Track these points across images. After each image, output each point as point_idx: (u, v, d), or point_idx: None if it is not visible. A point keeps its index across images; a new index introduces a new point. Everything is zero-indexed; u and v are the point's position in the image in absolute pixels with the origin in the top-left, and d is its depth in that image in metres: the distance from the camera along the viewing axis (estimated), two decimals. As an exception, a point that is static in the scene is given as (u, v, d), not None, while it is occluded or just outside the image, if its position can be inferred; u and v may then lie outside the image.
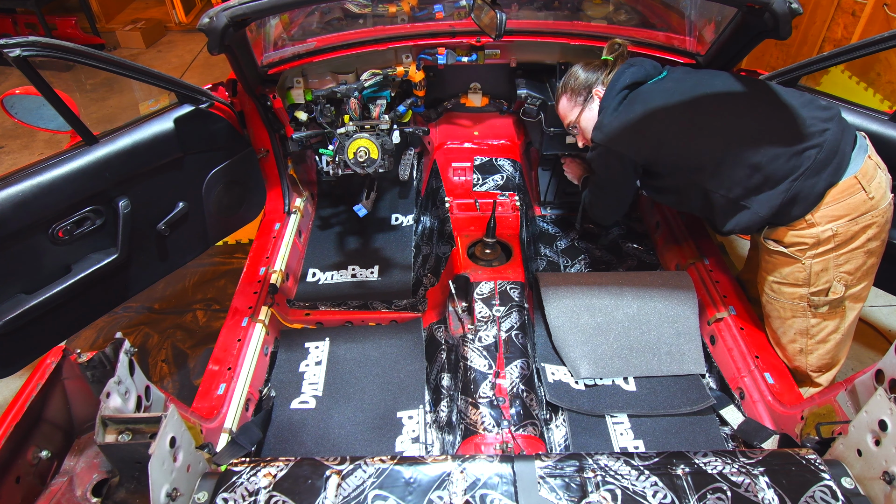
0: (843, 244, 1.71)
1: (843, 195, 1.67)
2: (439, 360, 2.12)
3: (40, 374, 1.29)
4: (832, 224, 1.69)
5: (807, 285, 1.80)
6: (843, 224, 1.68)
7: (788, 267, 1.81)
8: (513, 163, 2.91)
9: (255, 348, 2.08)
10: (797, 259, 1.78)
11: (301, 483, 1.28)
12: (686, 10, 2.33)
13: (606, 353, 2.09)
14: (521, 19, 2.60)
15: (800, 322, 1.87)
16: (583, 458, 1.32)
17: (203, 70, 5.81)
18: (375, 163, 2.29)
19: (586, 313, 2.16)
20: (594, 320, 2.15)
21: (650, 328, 2.14)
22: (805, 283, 1.80)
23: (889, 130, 1.89)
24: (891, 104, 3.24)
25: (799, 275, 1.80)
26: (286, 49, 2.36)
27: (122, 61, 1.77)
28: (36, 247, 1.72)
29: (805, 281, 1.79)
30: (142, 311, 3.04)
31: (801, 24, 3.79)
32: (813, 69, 2.00)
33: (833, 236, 1.70)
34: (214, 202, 2.24)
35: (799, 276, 1.80)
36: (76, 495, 1.27)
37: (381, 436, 1.93)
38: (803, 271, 1.78)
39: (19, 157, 4.50)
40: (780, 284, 1.87)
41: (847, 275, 1.76)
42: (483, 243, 2.38)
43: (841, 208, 1.68)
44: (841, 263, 1.74)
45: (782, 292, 1.87)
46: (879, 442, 1.23)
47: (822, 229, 1.70)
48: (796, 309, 1.86)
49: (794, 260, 1.79)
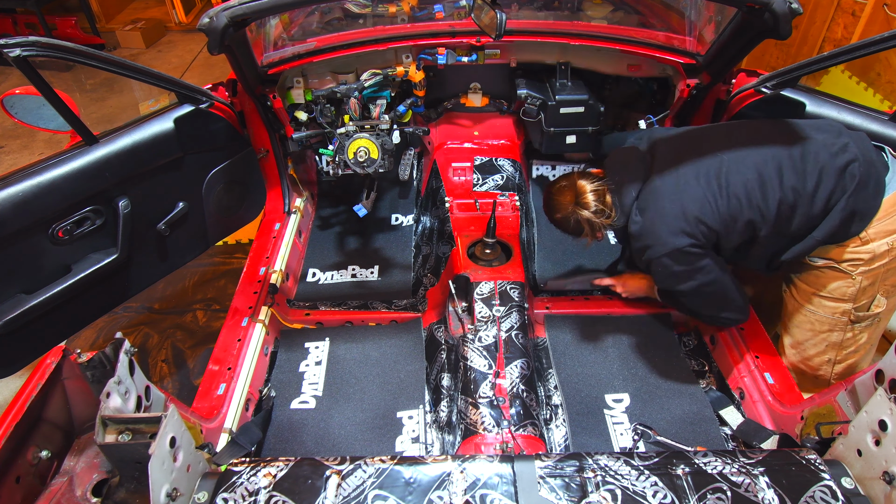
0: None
1: (894, 208, 1.65)
2: (439, 360, 2.12)
3: (40, 374, 1.29)
4: (888, 238, 1.66)
5: (853, 301, 1.76)
6: None
7: (836, 282, 1.76)
8: (513, 163, 2.91)
9: (255, 348, 2.08)
10: (848, 274, 1.72)
11: (301, 483, 1.28)
12: (686, 10, 2.33)
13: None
14: (521, 19, 2.60)
15: (836, 335, 1.84)
16: (583, 458, 1.32)
17: (203, 70, 5.81)
18: (375, 163, 2.29)
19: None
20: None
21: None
22: (852, 298, 1.75)
23: (889, 130, 1.89)
24: (891, 104, 3.24)
25: (847, 290, 1.75)
26: (286, 49, 2.36)
27: (122, 61, 1.77)
28: (36, 247, 1.72)
29: (852, 297, 1.75)
30: (142, 311, 3.04)
31: (801, 24, 3.79)
32: (813, 69, 2.00)
33: (889, 251, 1.67)
34: (214, 202, 2.23)
35: (847, 291, 1.75)
36: (76, 495, 1.27)
37: (381, 436, 1.93)
38: (852, 286, 1.73)
39: (19, 157, 4.51)
40: (823, 299, 1.81)
41: (892, 287, 1.73)
42: (483, 243, 2.38)
43: (894, 222, 1.65)
44: (888, 277, 1.72)
45: (823, 306, 1.81)
46: (879, 442, 1.23)
47: (877, 244, 1.66)
48: (835, 323, 1.82)
49: (844, 275, 1.73)
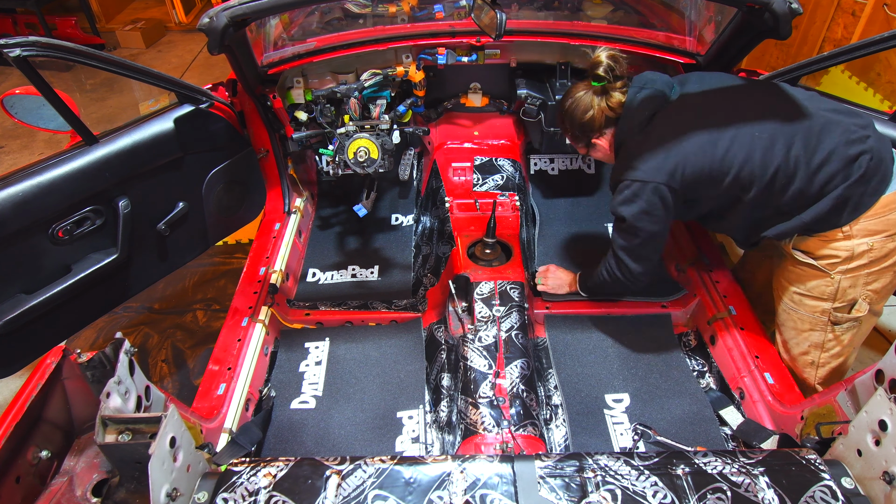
0: (877, 261, 1.64)
1: (884, 210, 1.60)
2: (439, 360, 2.12)
3: (40, 374, 1.29)
4: (868, 238, 1.62)
5: (832, 300, 1.73)
6: (880, 240, 1.61)
7: (815, 280, 1.73)
8: (513, 163, 2.90)
9: (255, 348, 2.08)
10: (826, 273, 1.69)
11: (301, 483, 1.28)
12: (686, 10, 2.33)
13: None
14: (521, 19, 2.59)
15: (817, 335, 1.81)
16: (583, 458, 1.32)
17: (203, 70, 5.81)
18: (375, 163, 2.29)
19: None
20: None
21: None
22: (830, 297, 1.72)
23: (889, 130, 1.89)
24: (891, 104, 3.24)
25: (826, 289, 1.72)
26: (286, 49, 2.36)
27: (122, 61, 1.77)
28: (36, 247, 1.72)
29: (831, 296, 1.72)
30: (142, 311, 3.04)
31: (801, 24, 3.79)
32: (813, 69, 2.00)
33: (868, 251, 1.63)
34: (214, 202, 2.23)
35: (826, 290, 1.72)
36: (76, 495, 1.27)
37: (381, 436, 1.93)
38: (831, 286, 1.70)
39: (19, 157, 4.50)
40: (803, 296, 1.79)
41: (874, 293, 1.70)
42: (483, 243, 2.38)
43: (880, 223, 1.61)
44: (870, 282, 1.68)
45: (803, 304, 1.79)
46: (879, 442, 1.23)
47: (857, 242, 1.62)
48: (815, 322, 1.79)
49: (822, 273, 1.70)
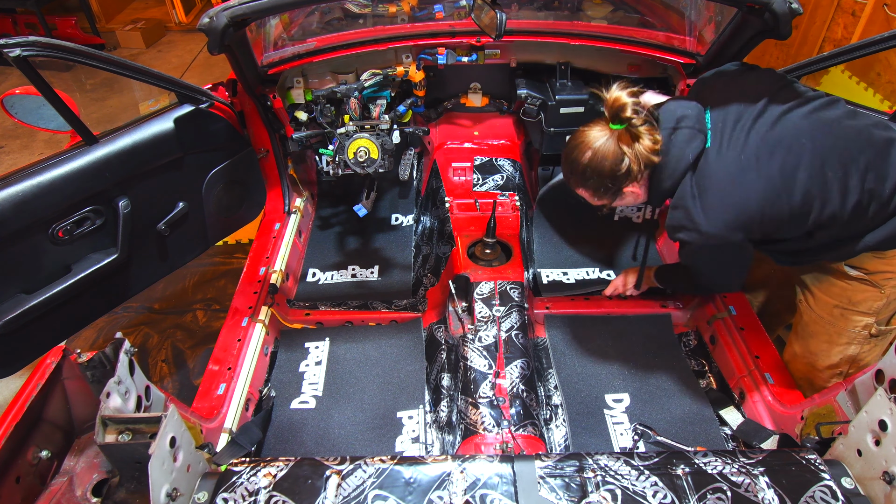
0: None
1: None
2: (439, 360, 2.12)
3: (40, 374, 1.29)
4: None
5: (876, 315, 1.65)
6: None
7: (864, 294, 1.63)
8: (513, 163, 2.90)
9: (255, 348, 2.08)
10: (878, 288, 1.60)
11: (301, 483, 1.28)
12: (686, 10, 2.33)
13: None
14: (521, 19, 2.59)
15: (854, 349, 1.72)
16: (583, 458, 1.32)
17: (203, 70, 5.81)
18: (375, 163, 2.29)
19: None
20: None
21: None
22: (876, 312, 1.65)
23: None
24: (891, 104, 3.24)
25: (874, 303, 1.63)
26: (286, 49, 2.36)
27: (122, 61, 1.77)
28: (36, 247, 1.72)
29: (877, 311, 1.64)
30: (142, 311, 3.04)
31: (801, 24, 3.78)
32: (813, 69, 1.99)
33: None
34: (214, 202, 2.23)
35: (874, 304, 1.63)
36: (76, 495, 1.27)
37: (381, 436, 1.93)
38: (880, 300, 1.62)
39: (19, 157, 4.51)
40: (846, 310, 1.68)
41: None
42: (483, 243, 2.38)
43: None
44: None
45: (847, 319, 1.69)
46: (879, 442, 1.23)
47: None
48: (854, 336, 1.70)
49: (873, 288, 1.61)
